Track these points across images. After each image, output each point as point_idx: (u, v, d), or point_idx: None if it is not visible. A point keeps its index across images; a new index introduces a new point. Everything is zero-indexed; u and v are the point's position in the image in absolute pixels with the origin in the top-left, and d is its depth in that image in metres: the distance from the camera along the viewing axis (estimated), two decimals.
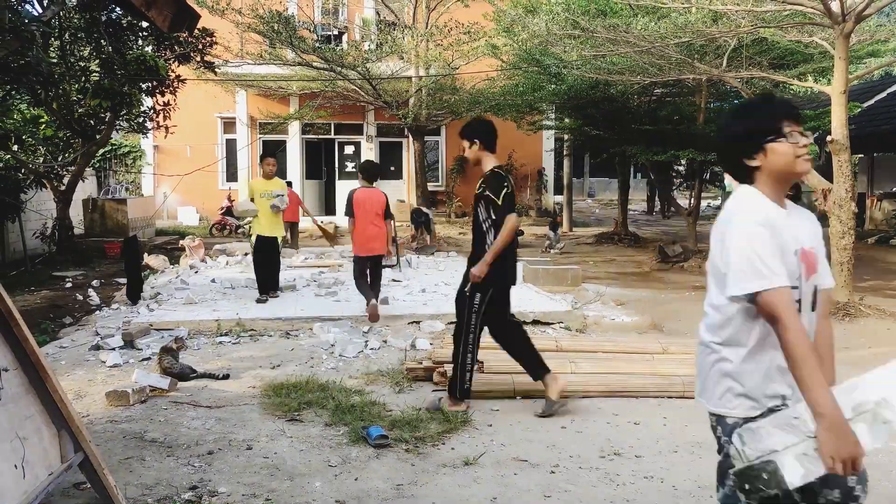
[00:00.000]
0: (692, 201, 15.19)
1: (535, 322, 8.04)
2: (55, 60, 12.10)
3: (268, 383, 5.74)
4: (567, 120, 18.38)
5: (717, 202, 28.99)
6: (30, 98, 12.01)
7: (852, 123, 9.08)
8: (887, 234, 17.22)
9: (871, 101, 20.49)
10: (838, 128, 8.86)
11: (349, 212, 8.26)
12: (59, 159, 13.95)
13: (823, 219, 12.64)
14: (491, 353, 6.20)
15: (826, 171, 10.69)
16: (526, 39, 13.28)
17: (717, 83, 13.85)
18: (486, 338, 6.91)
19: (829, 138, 8.98)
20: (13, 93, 11.40)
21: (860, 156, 21.79)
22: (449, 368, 5.83)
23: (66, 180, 14.18)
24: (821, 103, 16.74)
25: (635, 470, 4.23)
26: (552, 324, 8.05)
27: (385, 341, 7.28)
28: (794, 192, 16.32)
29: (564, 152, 21.55)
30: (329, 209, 22.06)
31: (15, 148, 12.41)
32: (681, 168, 19.59)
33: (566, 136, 20.75)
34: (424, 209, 16.44)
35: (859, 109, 16.84)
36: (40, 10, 11.25)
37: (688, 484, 4.05)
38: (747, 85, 11.52)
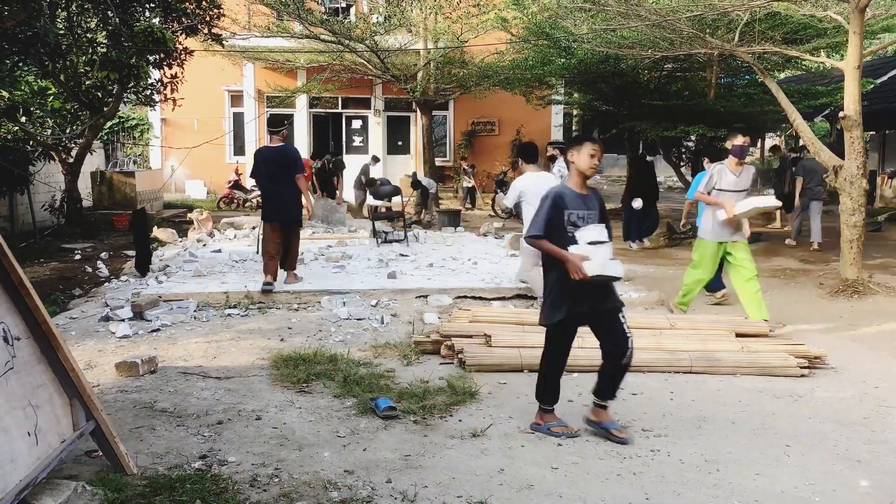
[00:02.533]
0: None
1: None
2: (62, 32, 12.06)
3: (276, 355, 5.77)
4: (576, 95, 18.24)
5: None
6: (37, 70, 11.98)
7: (865, 100, 8.98)
8: None
9: (885, 77, 20.25)
10: (851, 104, 8.76)
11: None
12: (67, 131, 13.94)
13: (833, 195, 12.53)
14: (498, 326, 6.22)
15: (837, 148, 10.61)
16: (536, 12, 13.17)
17: (728, 58, 13.68)
18: (492, 312, 6.92)
19: (841, 114, 8.89)
20: (21, 64, 11.37)
21: (872, 133, 21.59)
22: (456, 342, 5.85)
23: (74, 153, 14.19)
24: (833, 79, 16.57)
25: (642, 443, 4.25)
26: None
27: (393, 315, 7.30)
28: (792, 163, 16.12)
29: (573, 128, 21.41)
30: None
31: (23, 120, 12.40)
32: (690, 144, 19.45)
33: (575, 112, 20.62)
34: (422, 180, 16.41)
35: (872, 86, 16.64)
36: None
37: (694, 458, 4.07)
38: (759, 60, 11.38)
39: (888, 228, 15.21)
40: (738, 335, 6.26)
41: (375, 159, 17.46)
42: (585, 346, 5.79)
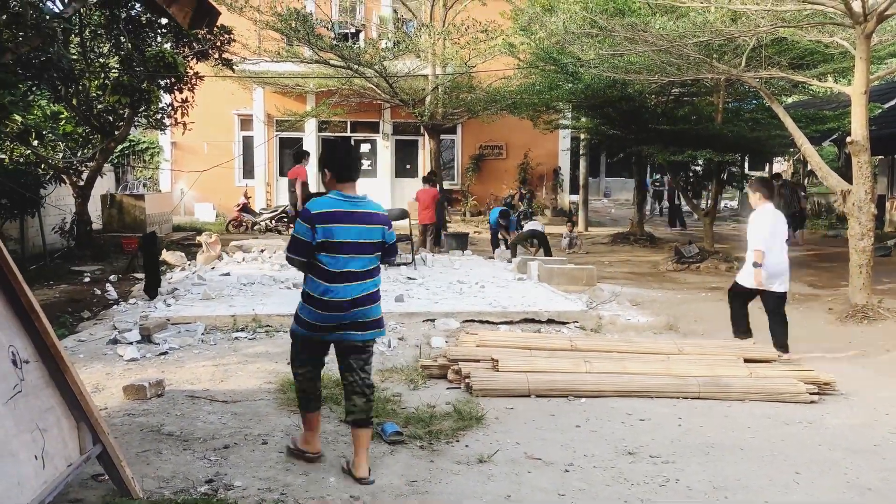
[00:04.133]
0: (709, 202, 15.09)
1: (550, 321, 8.03)
2: (75, 57, 12.22)
3: (283, 379, 5.76)
4: (583, 119, 18.33)
5: (734, 203, 28.81)
6: (50, 94, 12.13)
7: (872, 124, 8.99)
8: None
9: (892, 102, 20.27)
10: (858, 129, 8.78)
11: None
12: (79, 155, 14.07)
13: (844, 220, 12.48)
14: (506, 351, 6.21)
15: (845, 173, 10.61)
16: (543, 38, 13.26)
17: (735, 83, 13.75)
18: (500, 336, 6.92)
19: (848, 139, 8.90)
20: (34, 89, 11.52)
21: (880, 157, 21.58)
22: (463, 366, 5.84)
23: (84, 176, 14.31)
24: (840, 104, 16.61)
25: (650, 470, 4.22)
26: (567, 323, 8.04)
27: (400, 338, 7.29)
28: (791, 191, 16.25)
29: (581, 152, 21.48)
30: None
31: (35, 143, 12.53)
32: (697, 168, 19.48)
33: (582, 136, 20.69)
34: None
35: (880, 110, 16.67)
36: (61, 7, 11.36)
37: (702, 485, 4.03)
38: (766, 85, 11.43)
39: None
40: (746, 360, 6.23)
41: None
42: (593, 371, 5.78)
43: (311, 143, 21.71)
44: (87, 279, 11.15)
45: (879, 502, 3.86)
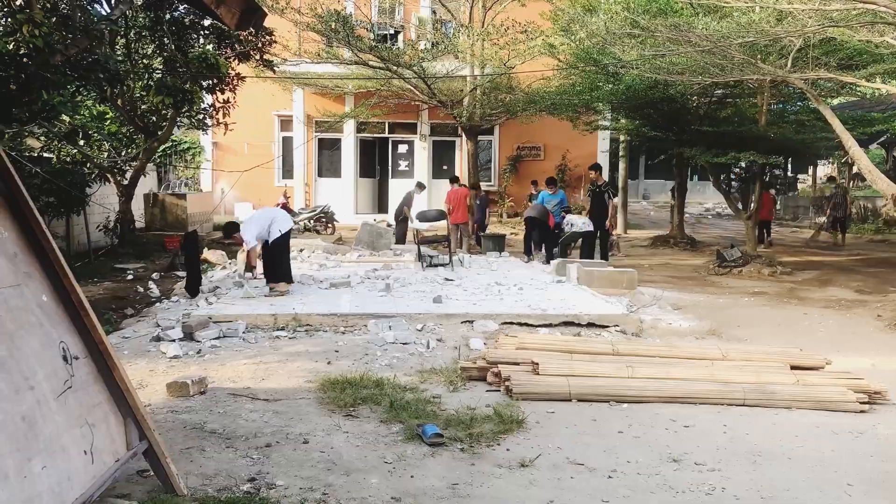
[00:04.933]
0: (752, 205, 14.82)
1: (590, 325, 7.95)
2: (121, 58, 12.45)
3: (323, 378, 5.78)
4: (623, 120, 18.14)
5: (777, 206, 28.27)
6: (97, 94, 12.36)
7: None
8: None
9: None
10: None
11: None
12: (123, 154, 14.34)
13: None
14: (546, 354, 6.16)
15: (894, 177, 10.34)
16: (584, 38, 13.14)
17: (780, 84, 13.49)
18: (539, 339, 6.86)
19: None
20: (81, 90, 11.75)
21: None
22: (502, 369, 5.81)
23: (128, 175, 14.57)
24: (889, 105, 16.21)
25: (695, 478, 4.14)
26: (608, 327, 7.94)
27: (439, 340, 7.28)
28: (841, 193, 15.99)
29: (620, 153, 21.28)
30: (381, 207, 22.23)
31: (82, 143, 12.80)
32: (739, 171, 19.17)
33: (622, 137, 20.49)
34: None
35: None
36: (108, 10, 11.59)
37: (750, 493, 3.94)
38: (813, 86, 11.19)
39: None
40: (793, 367, 6.09)
41: (421, 186, 17.11)
42: (636, 376, 5.70)
43: (349, 143, 21.84)
44: (129, 277, 11.35)
45: None
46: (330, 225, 18.67)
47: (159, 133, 14.14)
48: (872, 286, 11.09)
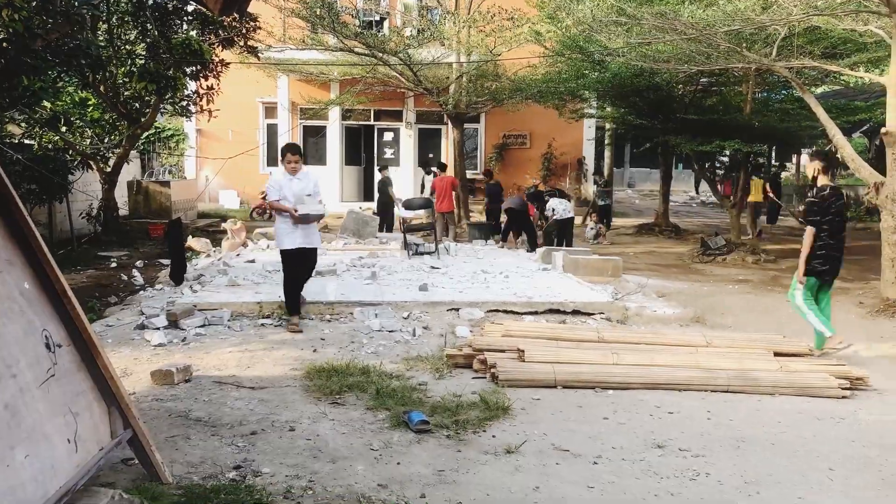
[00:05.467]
0: (737, 193, 14.89)
1: (575, 312, 7.97)
2: (103, 44, 12.29)
3: (309, 366, 5.77)
4: (609, 108, 18.15)
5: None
6: (78, 81, 12.21)
7: None
8: None
9: None
10: (893, 119, 8.60)
11: None
12: (106, 141, 14.19)
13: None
14: (531, 341, 6.17)
15: (876, 165, 10.42)
16: (570, 26, 13.13)
17: (765, 73, 13.53)
18: (525, 326, 6.88)
19: (883, 130, 8.73)
20: (63, 76, 11.61)
21: None
22: (488, 356, 5.82)
23: (111, 162, 14.43)
24: (872, 94, 16.30)
25: (679, 463, 4.17)
26: (592, 314, 7.97)
27: (425, 327, 7.28)
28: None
29: (606, 141, 21.29)
30: (367, 195, 22.16)
31: (64, 129, 12.64)
32: (724, 159, 19.24)
33: (608, 125, 20.50)
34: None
35: None
36: None
37: (733, 479, 3.98)
38: (798, 75, 11.23)
39: None
40: (776, 354, 6.14)
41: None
42: (621, 363, 5.73)
43: (334, 130, 21.73)
44: (113, 264, 11.26)
45: None
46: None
47: (142, 120, 14.00)
48: (854, 274, 11.19)
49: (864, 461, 4.27)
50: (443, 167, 16.09)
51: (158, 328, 6.89)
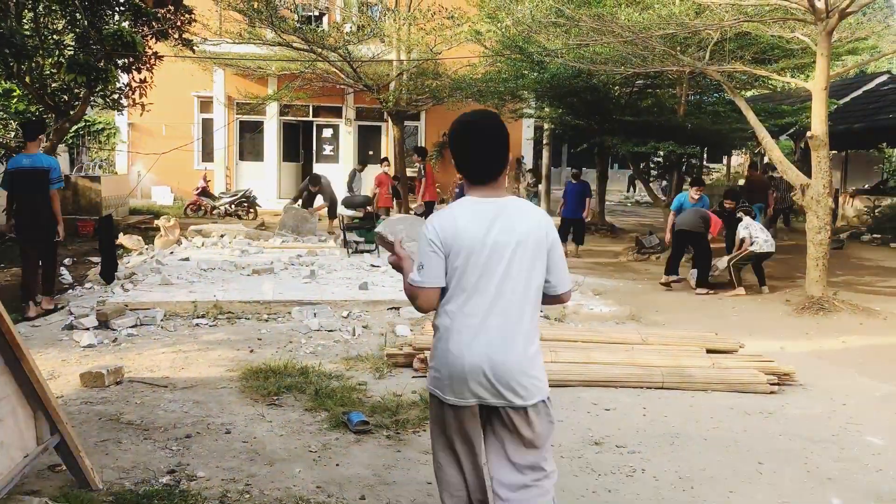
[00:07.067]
0: (671, 193, 15.26)
1: None
2: (28, 33, 11.81)
3: (245, 367, 5.67)
4: (548, 109, 18.35)
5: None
6: (2, 71, 11.71)
7: (828, 120, 9.16)
8: (859, 231, 17.48)
9: (847, 99, 20.74)
10: (818, 124, 8.93)
11: None
12: None
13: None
14: None
15: (801, 167, 10.81)
16: (510, 26, 13.23)
17: (698, 76, 13.90)
18: None
19: (809, 134, 9.06)
20: None
21: (834, 152, 22.08)
22: (430, 354, 5.80)
23: None
24: (798, 98, 16.91)
25: (616, 460, 4.25)
26: None
27: (365, 326, 7.23)
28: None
29: (544, 141, 21.53)
30: None
31: None
32: (658, 160, 19.69)
33: (546, 125, 20.73)
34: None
35: (836, 106, 17.02)
36: None
37: (668, 475, 4.07)
38: (729, 78, 11.56)
39: (850, 247, 15.54)
40: (708, 351, 6.30)
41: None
42: (559, 360, 5.79)
43: (272, 126, 21.41)
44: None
45: (839, 491, 3.94)
46: (252, 210, 18.30)
47: (71, 113, 13.51)
48: (782, 272, 11.59)
49: (790, 454, 4.42)
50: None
51: (88, 328, 6.67)
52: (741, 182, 17.84)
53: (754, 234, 10.06)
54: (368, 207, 13.58)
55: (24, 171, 7.58)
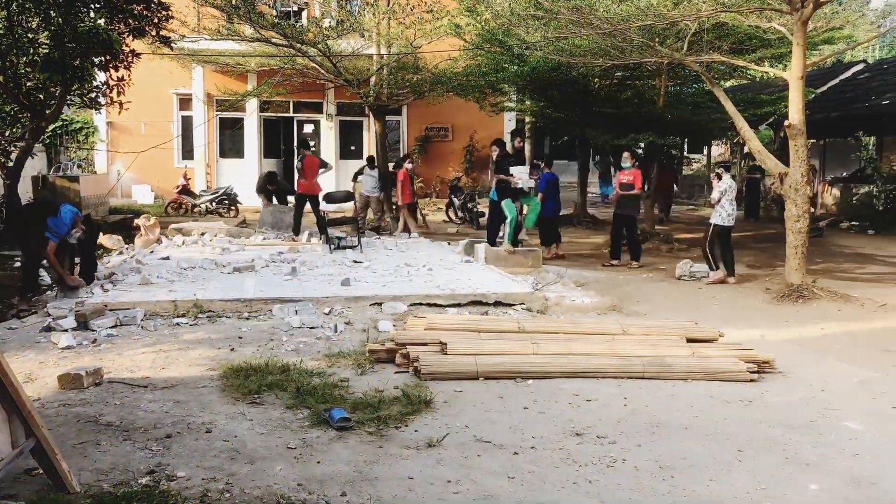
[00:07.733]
0: (651, 184, 15.31)
1: (497, 303, 8.04)
2: (1, 32, 11.66)
3: (226, 365, 5.64)
4: (528, 102, 18.36)
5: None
6: None
7: (806, 109, 9.22)
8: (837, 219, 17.63)
9: (824, 88, 20.91)
10: (795, 113, 8.99)
11: None
12: (7, 134, 13.46)
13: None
14: (454, 334, 6.19)
15: (780, 156, 10.88)
16: (489, 20, 13.21)
17: (677, 67, 13.95)
18: (448, 319, 6.89)
19: (786, 123, 9.12)
20: None
21: (812, 141, 22.25)
22: (411, 350, 5.80)
23: (13, 156, 13.71)
24: (777, 88, 17.03)
25: (597, 450, 4.27)
26: (514, 305, 8.06)
27: (347, 323, 7.21)
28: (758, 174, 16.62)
29: (525, 134, 21.54)
30: None
31: None
32: (639, 151, 19.72)
33: (527, 118, 20.75)
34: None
35: (813, 95, 17.14)
36: None
37: (649, 464, 4.09)
38: (707, 69, 11.61)
39: (829, 234, 15.68)
40: (688, 340, 6.34)
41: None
42: (541, 352, 5.81)
43: (252, 123, 21.28)
44: (17, 264, 10.73)
45: (818, 477, 3.98)
46: (233, 207, 18.20)
47: (47, 112, 13.34)
48: (762, 261, 11.68)
49: (770, 441, 4.46)
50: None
51: (66, 330, 6.61)
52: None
53: (724, 200, 9.92)
54: (350, 204, 13.58)
55: None
